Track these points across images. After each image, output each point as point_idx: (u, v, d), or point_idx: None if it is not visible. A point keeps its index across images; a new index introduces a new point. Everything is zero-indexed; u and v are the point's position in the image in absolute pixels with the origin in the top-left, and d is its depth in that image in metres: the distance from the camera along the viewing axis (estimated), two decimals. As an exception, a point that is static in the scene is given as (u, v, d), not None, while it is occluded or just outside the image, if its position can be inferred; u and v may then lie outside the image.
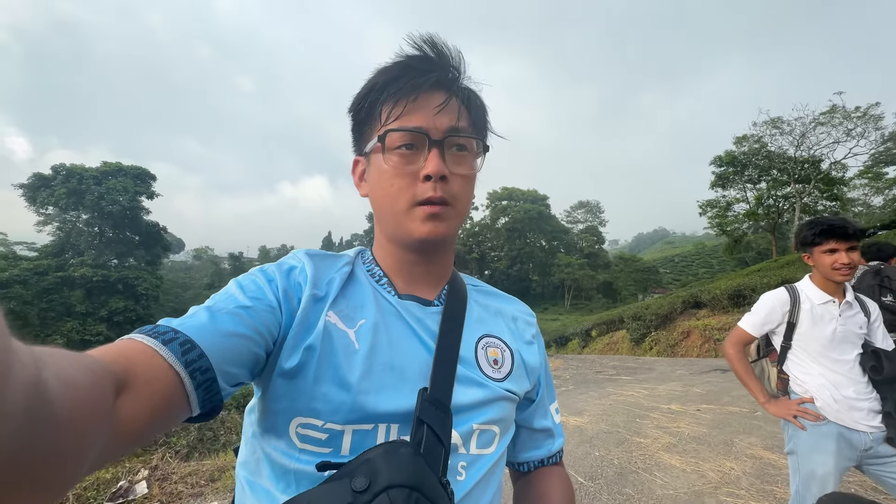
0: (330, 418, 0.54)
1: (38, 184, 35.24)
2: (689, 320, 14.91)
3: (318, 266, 0.63)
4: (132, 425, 0.37)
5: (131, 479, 4.07)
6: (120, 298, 34.18)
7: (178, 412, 0.43)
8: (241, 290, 0.56)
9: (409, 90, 0.59)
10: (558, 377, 9.86)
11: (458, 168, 0.62)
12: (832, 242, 1.85)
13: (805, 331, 1.94)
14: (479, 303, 0.73)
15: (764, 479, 3.46)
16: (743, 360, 2.10)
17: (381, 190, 0.63)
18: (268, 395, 0.56)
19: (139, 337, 0.43)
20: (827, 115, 30.60)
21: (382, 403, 0.55)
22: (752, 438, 4.38)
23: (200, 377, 0.44)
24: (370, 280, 0.67)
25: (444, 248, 0.69)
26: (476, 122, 0.65)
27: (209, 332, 0.47)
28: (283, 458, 0.54)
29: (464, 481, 0.58)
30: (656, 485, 3.48)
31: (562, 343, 23.59)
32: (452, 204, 0.61)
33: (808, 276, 2.04)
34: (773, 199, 35.82)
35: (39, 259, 34.63)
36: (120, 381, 0.36)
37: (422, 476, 0.45)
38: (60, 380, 0.27)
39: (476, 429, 0.60)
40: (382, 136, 0.60)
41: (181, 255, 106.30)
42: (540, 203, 73.90)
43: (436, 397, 0.56)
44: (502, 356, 0.68)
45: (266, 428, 0.56)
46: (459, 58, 0.63)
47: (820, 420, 1.85)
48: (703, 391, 6.75)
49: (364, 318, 0.61)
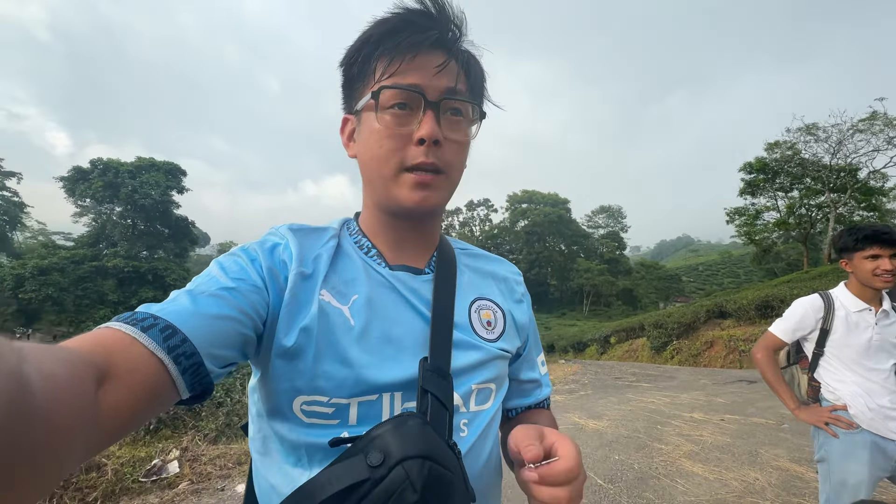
0: (335, 394, 0.54)
1: (77, 177, 36.96)
2: (713, 330, 14.52)
3: (303, 242, 0.61)
4: (116, 415, 0.36)
5: (164, 458, 4.28)
6: (149, 289, 35.48)
7: (164, 398, 0.42)
8: (223, 272, 0.54)
9: (408, 47, 0.56)
10: (576, 381, 9.78)
11: (453, 133, 0.59)
12: (875, 248, 1.82)
13: (839, 338, 1.92)
14: (469, 266, 0.73)
15: (790, 491, 3.39)
16: (773, 365, 2.08)
17: (369, 151, 0.60)
18: (268, 375, 0.55)
19: (117, 325, 0.42)
20: (867, 121, 29.25)
21: (385, 375, 0.56)
22: (778, 450, 4.28)
23: (186, 362, 0.43)
24: (359, 253, 0.65)
25: (434, 216, 0.68)
26: (474, 87, 0.62)
27: (191, 316, 0.46)
28: (292, 434, 0.54)
29: (466, 437, 0.60)
30: (677, 491, 3.45)
31: (579, 349, 23.30)
32: (445, 172, 0.59)
33: (843, 284, 2.01)
34: (806, 208, 34.48)
35: (76, 249, 36.33)
36: (100, 372, 0.36)
37: (432, 444, 0.46)
38: (41, 373, 0.26)
39: (475, 388, 0.62)
40: (376, 93, 0.57)
41: (206, 249, 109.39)
42: (560, 207, 73.13)
43: (436, 365, 0.57)
44: (494, 317, 0.69)
45: (270, 408, 0.56)
46: (462, 17, 0.59)
47: (853, 428, 1.83)
48: (728, 401, 6.60)
49: (357, 294, 0.60)
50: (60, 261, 31.80)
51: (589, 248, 74.93)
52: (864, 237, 1.84)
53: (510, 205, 75.87)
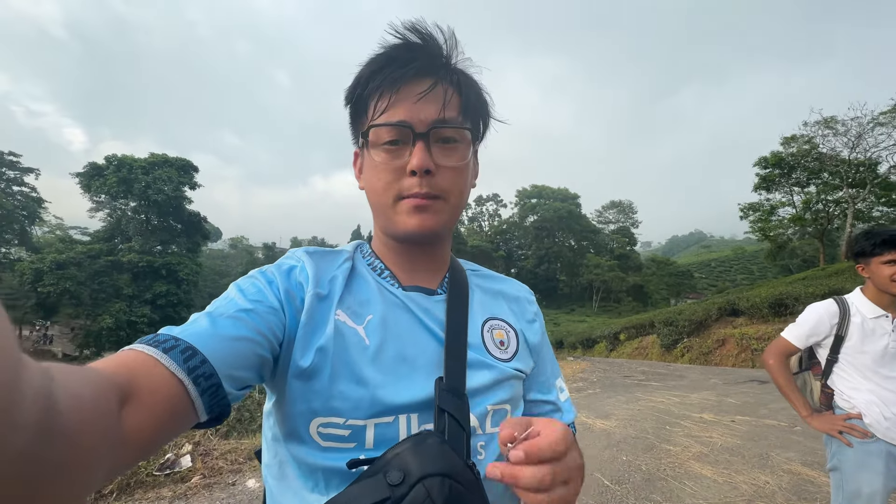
0: (351, 415, 0.54)
1: (93, 173, 37.58)
2: (724, 328, 14.33)
3: (319, 264, 0.63)
4: (138, 435, 0.37)
5: (177, 452, 4.37)
6: (163, 283, 36.16)
7: (184, 419, 0.43)
8: (241, 294, 0.55)
9: (392, 82, 0.58)
10: (585, 379, 9.74)
11: (447, 160, 0.60)
12: (893, 253, 1.77)
13: (854, 345, 1.87)
14: (480, 286, 0.73)
15: (801, 496, 3.34)
16: (785, 371, 2.04)
17: (370, 184, 0.63)
18: (285, 398, 0.55)
19: (140, 347, 0.43)
20: (888, 114, 28.39)
21: (400, 395, 0.56)
22: (790, 453, 4.22)
23: (205, 383, 0.43)
24: (372, 274, 0.67)
25: (439, 239, 0.68)
26: (468, 106, 0.63)
27: (211, 338, 0.46)
28: (309, 458, 0.54)
29: (484, 460, 0.59)
30: (685, 493, 3.42)
31: (588, 345, 23.19)
32: (443, 197, 0.61)
33: (859, 289, 1.96)
34: (823, 203, 33.68)
35: (92, 243, 37.04)
36: (124, 393, 0.36)
37: (451, 463, 0.46)
38: (67, 392, 0.26)
39: (490, 409, 0.62)
40: (365, 133, 0.61)
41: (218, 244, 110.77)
42: (570, 202, 72.50)
43: (452, 385, 0.57)
44: (507, 337, 0.69)
45: (286, 431, 0.56)
46: (452, 40, 0.61)
47: (868, 437, 1.79)
48: (739, 402, 6.52)
49: (371, 314, 0.61)
50: (77, 255, 32.47)
51: (599, 244, 74.25)
52: (882, 241, 1.79)
53: (519, 200, 75.41)
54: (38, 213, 41.68)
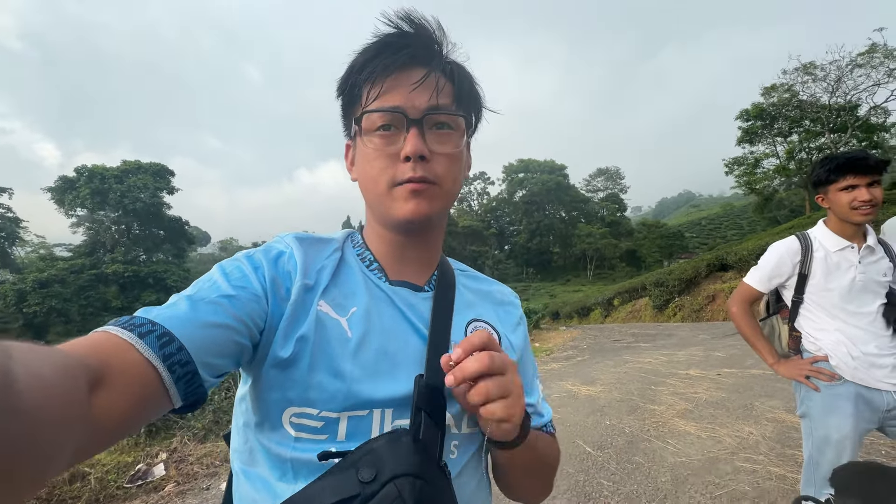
0: (325, 407, 0.53)
1: (65, 186, 36.63)
2: (714, 284, 14.43)
3: (308, 252, 0.62)
4: (108, 420, 0.36)
5: (150, 461, 4.22)
6: (152, 292, 35.71)
7: (156, 406, 0.42)
8: (224, 278, 0.54)
9: (384, 69, 0.57)
10: (575, 347, 9.72)
11: (441, 147, 0.60)
12: (850, 178, 1.62)
13: (819, 282, 1.73)
14: (468, 287, 0.73)
15: (785, 444, 3.27)
16: (748, 318, 1.90)
17: (364, 173, 0.62)
18: (260, 384, 0.54)
19: (114, 329, 0.42)
20: (866, 55, 28.22)
21: (378, 390, 0.55)
22: (773, 401, 4.17)
23: (180, 370, 0.42)
24: (361, 265, 0.66)
25: (432, 229, 0.67)
26: (461, 96, 0.62)
27: (189, 324, 0.45)
28: (279, 448, 0.53)
29: (456, 459, 0.59)
30: (668, 452, 3.34)
31: (584, 314, 23.36)
32: (437, 183, 0.60)
33: (821, 221, 1.81)
34: (806, 151, 33.79)
35: (74, 259, 36.38)
36: (95, 376, 0.36)
37: (424, 464, 0.46)
38: (29, 372, 0.26)
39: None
40: (359, 119, 0.60)
41: (208, 248, 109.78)
42: (558, 173, 72.24)
43: (431, 383, 0.56)
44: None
45: (259, 418, 0.55)
46: (441, 30, 0.60)
47: (835, 380, 1.66)
48: (726, 355, 6.50)
49: (356, 306, 0.60)
50: (59, 272, 31.91)
51: (589, 213, 74.42)
52: (837, 167, 1.63)
53: (507, 175, 74.96)
54: (17, 233, 40.64)
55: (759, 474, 2.86)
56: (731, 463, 3.06)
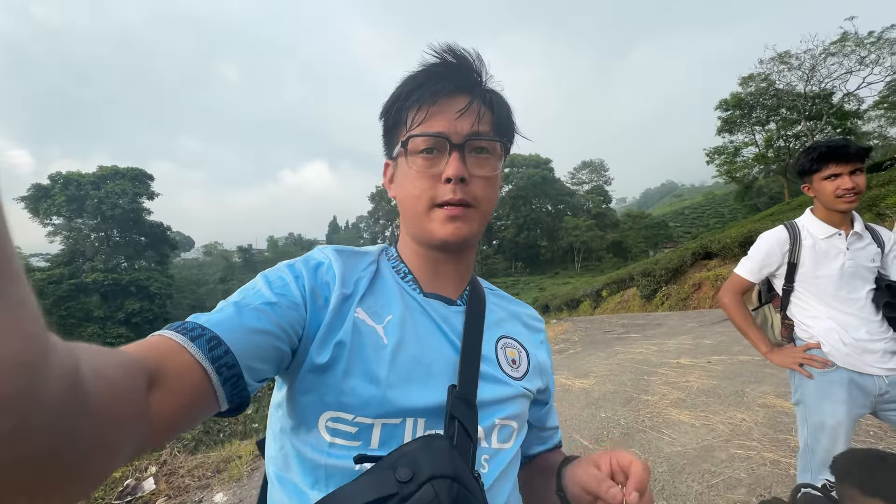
0: (360, 412, 0.54)
1: (39, 194, 35.44)
2: (700, 272, 14.67)
3: (346, 263, 0.64)
4: (163, 419, 0.38)
5: (139, 476, 4.11)
6: (135, 300, 34.85)
7: (206, 407, 0.44)
8: (267, 286, 0.56)
9: (431, 96, 0.61)
10: (566, 340, 9.78)
11: (480, 170, 0.63)
12: (832, 167, 1.64)
13: (808, 270, 1.74)
14: (497, 305, 0.75)
15: (777, 429, 3.32)
16: (741, 308, 1.90)
17: (405, 191, 0.65)
18: (295, 388, 0.56)
19: (169, 333, 0.44)
20: (838, 44, 28.92)
21: (411, 398, 0.56)
22: (764, 387, 4.24)
23: (227, 372, 0.44)
24: (395, 277, 0.68)
25: (467, 248, 0.70)
26: (499, 123, 0.65)
27: (235, 329, 0.47)
28: (314, 453, 0.54)
29: (487, 473, 0.59)
30: (664, 442, 3.37)
31: (573, 306, 23.56)
32: (474, 206, 0.62)
33: (809, 210, 1.82)
34: (784, 139, 34.49)
35: (52, 269, 35.26)
36: (152, 376, 0.38)
37: (460, 467, 0.47)
38: (95, 373, 0.28)
39: (498, 423, 0.63)
40: (405, 142, 0.63)
41: (192, 253, 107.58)
42: (543, 167, 72.57)
43: (464, 394, 0.58)
44: (519, 356, 0.70)
45: (296, 422, 0.56)
46: (480, 61, 0.64)
47: (828, 367, 1.67)
48: (714, 342, 6.60)
49: (391, 314, 0.62)
50: (37, 283, 30.89)
51: (575, 205, 75.01)
52: (819, 156, 1.66)
53: (492, 171, 74.87)
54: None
55: (754, 460, 2.90)
56: (725, 450, 3.10)
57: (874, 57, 28.43)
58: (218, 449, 4.65)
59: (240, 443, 4.68)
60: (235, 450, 4.42)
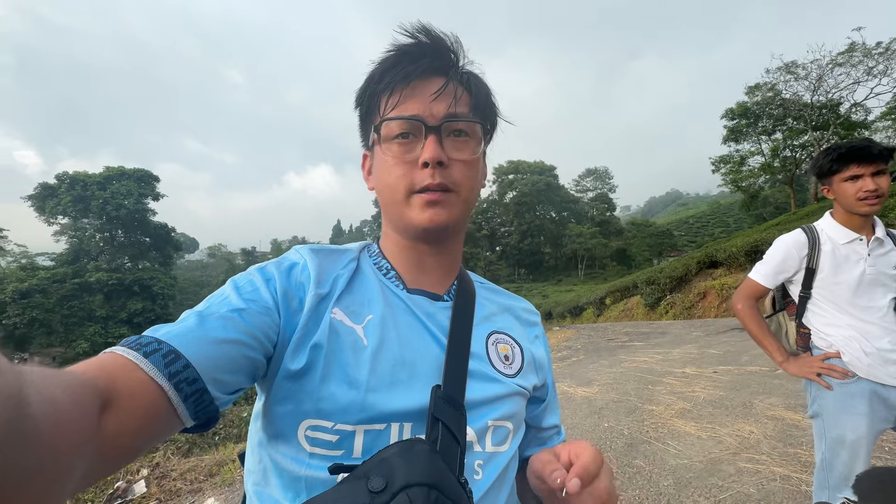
0: (340, 419, 0.51)
1: (45, 193, 35.69)
2: (705, 281, 14.50)
3: (323, 263, 0.60)
4: (118, 442, 0.36)
5: (130, 479, 4.02)
6: (137, 300, 34.90)
7: (167, 425, 0.41)
8: (235, 292, 0.53)
9: (404, 78, 0.58)
10: (569, 347, 9.64)
11: (459, 154, 0.60)
12: (854, 167, 1.55)
13: (827, 276, 1.65)
14: (488, 299, 0.71)
15: (787, 442, 3.20)
16: (755, 315, 1.81)
17: (382, 180, 0.62)
18: (272, 397, 0.53)
19: (120, 350, 0.41)
20: (845, 54, 28.81)
21: (394, 402, 0.53)
22: (772, 399, 4.11)
23: (187, 388, 0.42)
24: (377, 274, 0.64)
25: (451, 236, 0.66)
26: (478, 105, 0.62)
27: (196, 340, 0.44)
28: (293, 465, 0.51)
29: (481, 480, 0.56)
30: (669, 454, 3.26)
31: (576, 313, 23.38)
32: (454, 190, 0.59)
33: (828, 213, 1.73)
34: (790, 149, 34.32)
35: (56, 268, 35.43)
36: (103, 398, 0.35)
37: (440, 474, 0.43)
38: (41, 395, 0.26)
39: (490, 425, 0.58)
40: (378, 127, 0.60)
41: (196, 255, 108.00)
42: (547, 174, 72.57)
43: (449, 394, 0.54)
44: (512, 352, 0.67)
45: (273, 433, 0.53)
46: (457, 43, 0.61)
47: (848, 377, 1.57)
48: (720, 352, 6.47)
49: (371, 314, 0.58)
50: (41, 282, 31.05)
51: (579, 213, 74.84)
52: (840, 156, 1.57)
53: (497, 177, 74.95)
54: (-3, 244, 39.50)
55: (763, 475, 2.78)
56: (733, 464, 2.98)
57: (882, 67, 28.28)
58: (212, 452, 4.57)
59: (234, 446, 4.60)
60: (229, 453, 4.33)
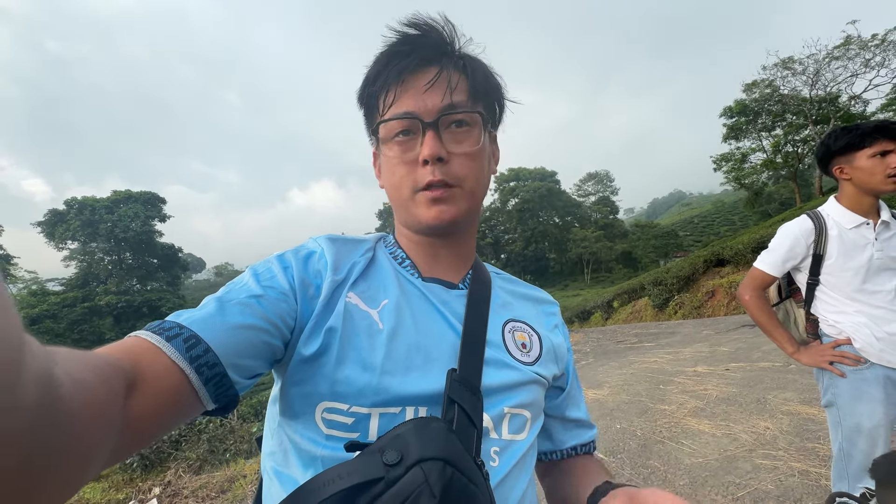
0: (355, 401, 0.52)
1: (55, 220, 36.32)
2: (712, 279, 14.35)
3: (340, 251, 0.61)
4: (141, 423, 0.37)
5: (142, 497, 4.02)
6: (147, 321, 34.80)
7: (189, 408, 0.42)
8: (254, 279, 0.54)
9: (396, 74, 0.58)
10: (578, 351, 9.55)
11: (459, 147, 0.59)
12: (884, 142, 1.50)
13: (835, 263, 1.63)
14: (504, 288, 0.72)
15: (804, 437, 3.14)
16: (764, 306, 1.79)
17: (388, 180, 0.63)
18: (289, 381, 0.54)
19: (144, 334, 0.43)
20: (841, 47, 28.81)
21: (409, 385, 0.53)
22: (787, 394, 4.04)
23: (208, 372, 0.43)
24: (393, 263, 0.65)
25: (462, 230, 0.66)
26: (477, 89, 0.60)
27: (216, 325, 0.45)
28: (310, 445, 0.51)
29: (498, 467, 0.55)
30: (684, 453, 3.20)
31: (584, 317, 23.17)
32: (458, 185, 0.59)
33: (833, 198, 1.71)
34: (792, 144, 34.18)
35: (66, 292, 35.79)
36: (129, 380, 0.36)
37: (456, 451, 0.43)
38: (71, 377, 0.27)
39: (507, 412, 0.58)
40: (375, 129, 0.61)
41: (203, 274, 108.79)
42: (549, 180, 72.63)
43: (465, 378, 0.54)
44: (530, 340, 0.66)
45: (291, 415, 0.54)
46: (450, 26, 0.59)
47: (861, 364, 1.55)
48: (731, 349, 6.38)
49: (387, 299, 0.59)
50: (51, 307, 31.38)
51: (583, 217, 74.67)
52: (866, 132, 1.52)
53: (498, 185, 75.16)
54: (8, 270, 40.05)
55: (781, 471, 2.72)
56: (749, 461, 2.92)
57: (879, 59, 28.21)
58: (223, 468, 4.55)
59: (245, 462, 4.57)
60: (240, 469, 4.32)
